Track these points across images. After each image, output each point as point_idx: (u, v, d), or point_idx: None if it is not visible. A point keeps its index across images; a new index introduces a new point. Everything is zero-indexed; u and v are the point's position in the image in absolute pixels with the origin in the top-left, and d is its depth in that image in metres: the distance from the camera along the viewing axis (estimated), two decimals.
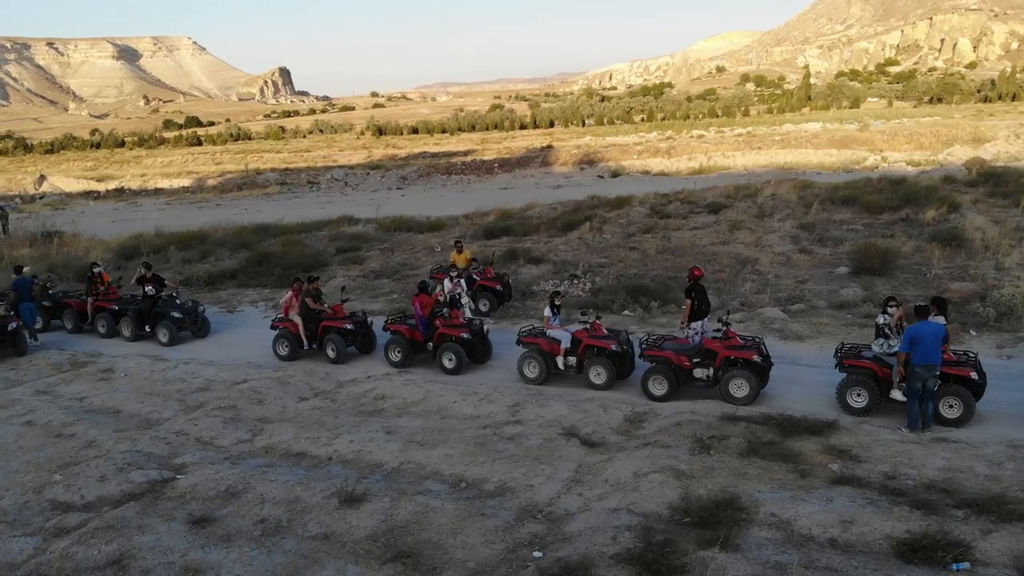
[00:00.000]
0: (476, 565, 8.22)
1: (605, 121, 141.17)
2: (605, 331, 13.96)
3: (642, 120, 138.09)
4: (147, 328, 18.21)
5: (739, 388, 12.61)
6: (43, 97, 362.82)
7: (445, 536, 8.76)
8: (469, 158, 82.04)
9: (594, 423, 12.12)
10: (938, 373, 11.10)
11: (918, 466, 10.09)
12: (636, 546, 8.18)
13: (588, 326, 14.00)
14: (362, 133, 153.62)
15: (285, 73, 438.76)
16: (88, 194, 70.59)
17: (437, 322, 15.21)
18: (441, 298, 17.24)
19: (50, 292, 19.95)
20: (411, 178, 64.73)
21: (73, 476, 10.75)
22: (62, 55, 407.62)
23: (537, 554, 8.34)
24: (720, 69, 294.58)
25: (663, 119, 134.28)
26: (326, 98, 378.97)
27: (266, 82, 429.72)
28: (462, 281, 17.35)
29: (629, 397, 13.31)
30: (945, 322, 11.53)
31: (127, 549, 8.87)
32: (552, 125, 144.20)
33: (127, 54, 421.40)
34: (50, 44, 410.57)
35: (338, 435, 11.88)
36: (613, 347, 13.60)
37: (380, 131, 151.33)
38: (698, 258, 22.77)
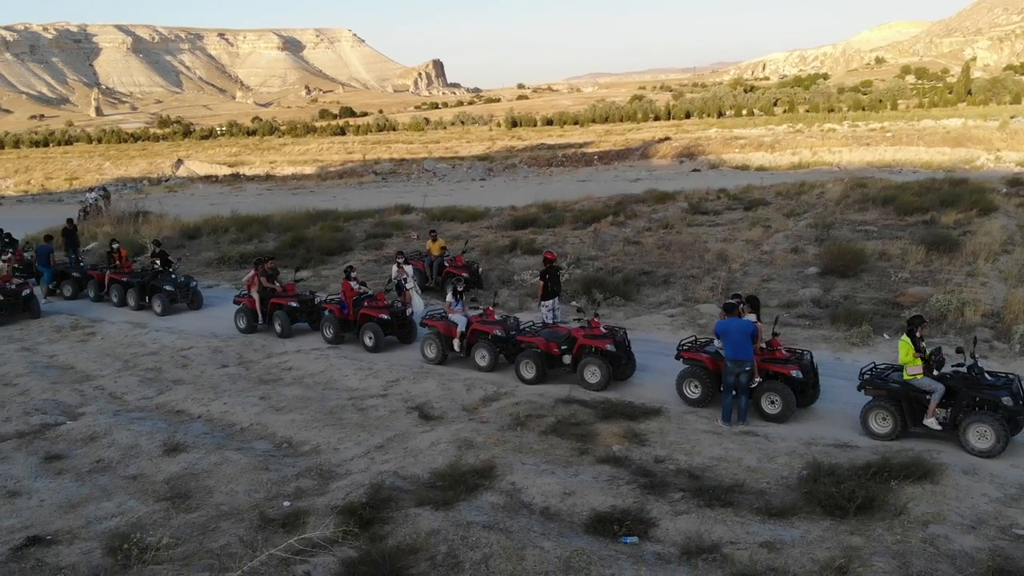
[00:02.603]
0: (228, 508, 9.48)
1: (744, 112, 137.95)
2: (496, 318, 14.88)
3: (783, 112, 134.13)
4: (146, 299, 20.42)
5: (592, 375, 13.31)
6: (213, 85, 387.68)
7: (221, 483, 10.08)
8: (584, 150, 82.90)
9: (449, 400, 13.11)
10: (748, 368, 11.46)
11: (692, 453, 10.60)
12: (359, 500, 9.22)
13: (482, 312, 14.96)
14: (498, 125, 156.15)
15: (438, 65, 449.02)
16: (208, 178, 76.15)
17: (365, 302, 16.52)
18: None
19: (80, 264, 22.59)
20: (496, 170, 66.27)
21: None
22: (232, 46, 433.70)
23: (286, 504, 9.53)
24: (879, 60, 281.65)
25: (806, 111, 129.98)
26: (476, 90, 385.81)
27: (420, 74, 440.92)
28: (408, 268, 18.52)
29: (504, 379, 14.17)
30: (756, 320, 11.87)
31: None
32: (688, 116, 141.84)
33: (291, 45, 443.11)
34: (221, 35, 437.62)
35: (219, 397, 13.40)
36: (497, 332, 14.51)
37: (514, 123, 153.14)
38: (687, 253, 23.09)
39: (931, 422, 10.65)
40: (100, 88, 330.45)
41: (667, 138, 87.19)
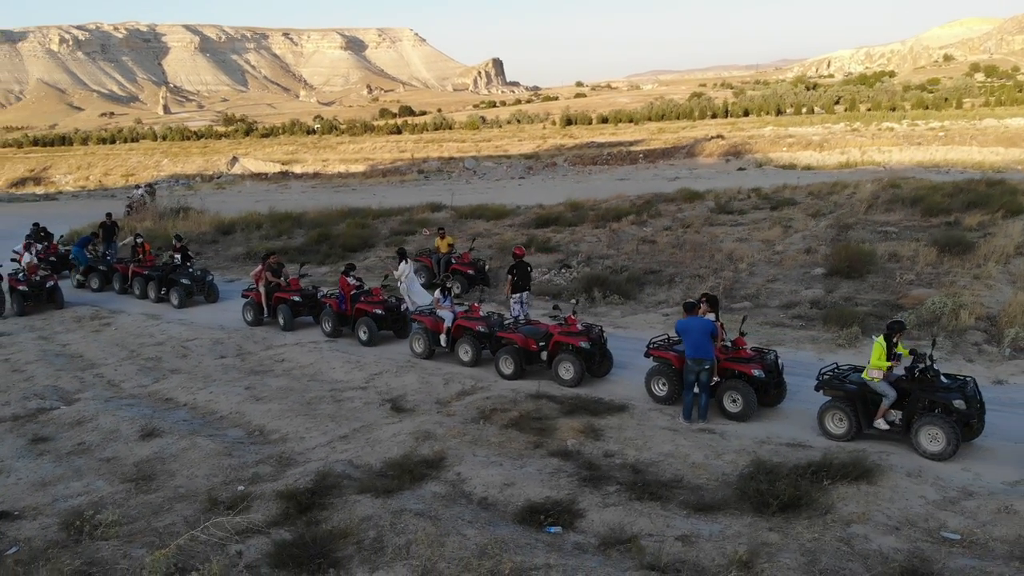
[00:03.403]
0: (185, 490, 9.98)
1: (804, 111, 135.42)
2: (481, 314, 15.19)
3: (845, 110, 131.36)
4: (163, 292, 21.23)
5: (566, 371, 13.54)
6: (277, 84, 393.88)
7: (184, 467, 10.59)
8: (633, 148, 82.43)
9: (425, 393, 13.46)
10: (708, 367, 11.57)
11: (643, 449, 10.78)
12: (304, 486, 9.62)
13: (467, 309, 15.29)
14: (552, 123, 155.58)
15: (498, 64, 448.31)
16: (258, 176, 77.86)
17: (362, 298, 16.98)
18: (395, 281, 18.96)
19: (107, 258, 23.59)
20: (536, 168, 66.44)
21: None
22: (296, 45, 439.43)
23: (240, 488, 9.98)
24: (947, 58, 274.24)
25: (868, 110, 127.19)
26: (535, 89, 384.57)
27: (480, 73, 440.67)
28: (401, 266, 18.85)
29: (484, 374, 14.46)
30: (716, 319, 11.96)
31: None
32: (747, 114, 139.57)
33: (354, 45, 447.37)
34: (285, 35, 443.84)
35: (207, 387, 13.97)
36: (480, 328, 14.81)
37: (569, 121, 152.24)
38: (699, 252, 23.09)
39: (879, 423, 10.68)
40: (168, 86, 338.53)
41: (719, 136, 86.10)
